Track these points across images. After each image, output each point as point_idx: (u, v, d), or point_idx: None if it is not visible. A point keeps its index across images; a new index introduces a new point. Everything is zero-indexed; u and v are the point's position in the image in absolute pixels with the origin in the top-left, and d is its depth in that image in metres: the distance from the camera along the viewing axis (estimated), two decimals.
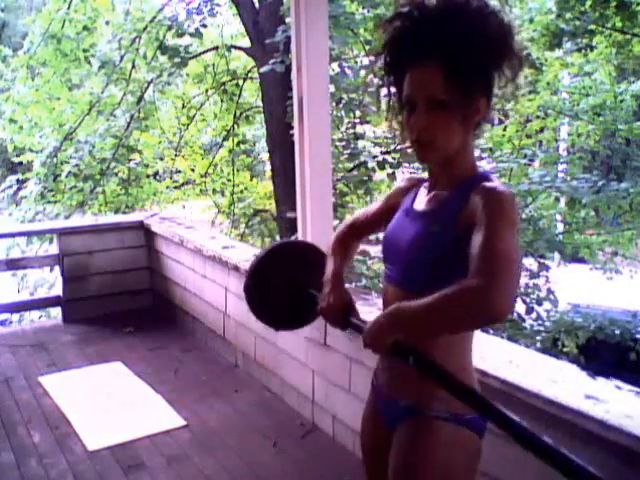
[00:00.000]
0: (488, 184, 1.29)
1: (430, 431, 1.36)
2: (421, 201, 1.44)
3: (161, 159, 9.96)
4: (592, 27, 6.84)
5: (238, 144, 9.08)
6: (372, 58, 1.43)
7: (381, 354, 1.36)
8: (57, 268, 4.96)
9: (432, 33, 1.27)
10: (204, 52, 8.50)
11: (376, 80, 1.44)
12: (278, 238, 7.61)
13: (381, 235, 1.55)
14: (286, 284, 1.67)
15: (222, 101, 8.73)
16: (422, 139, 1.32)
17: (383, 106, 1.44)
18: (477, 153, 6.43)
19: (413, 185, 1.53)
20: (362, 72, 6.16)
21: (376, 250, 6.83)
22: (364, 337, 1.30)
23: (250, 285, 1.68)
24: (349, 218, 1.72)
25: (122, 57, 7.65)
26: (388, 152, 6.28)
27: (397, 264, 1.43)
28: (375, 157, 6.12)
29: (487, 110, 1.34)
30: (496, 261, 1.15)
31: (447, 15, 1.27)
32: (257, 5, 6.90)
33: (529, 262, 6.53)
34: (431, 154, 1.35)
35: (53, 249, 5.33)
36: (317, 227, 3.08)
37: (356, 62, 6.61)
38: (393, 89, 1.40)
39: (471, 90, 1.28)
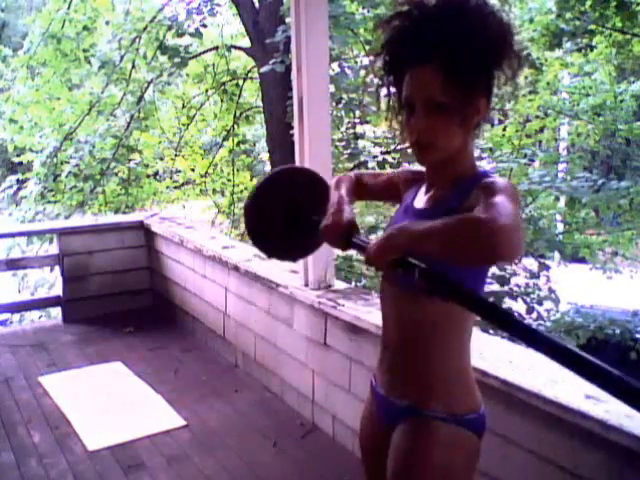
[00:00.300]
0: (488, 179, 1.30)
1: (428, 432, 1.36)
2: (420, 200, 1.44)
3: (161, 159, 9.96)
4: (592, 27, 6.84)
5: (238, 144, 9.09)
6: (372, 58, 1.42)
7: (384, 270, 1.31)
8: (57, 268, 4.96)
9: (432, 32, 1.26)
10: (204, 52, 8.51)
11: (376, 80, 1.44)
12: None
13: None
14: (288, 210, 1.61)
15: (222, 101, 8.74)
16: (422, 141, 1.31)
17: (383, 106, 1.44)
18: (477, 153, 6.43)
19: (417, 180, 1.51)
20: (362, 72, 6.16)
21: None
22: (367, 253, 1.26)
23: (250, 207, 1.62)
24: (352, 173, 1.65)
25: (122, 57, 7.66)
26: (388, 152, 6.29)
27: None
28: (375, 157, 6.12)
29: (487, 110, 1.33)
30: (501, 209, 1.14)
31: (447, 14, 1.26)
32: (257, 5, 6.91)
33: (529, 262, 6.53)
34: (431, 156, 1.34)
35: (53, 249, 5.33)
36: None
37: (356, 62, 6.62)
38: (393, 89, 1.40)
39: (471, 91, 1.28)
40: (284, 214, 1.60)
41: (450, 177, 1.37)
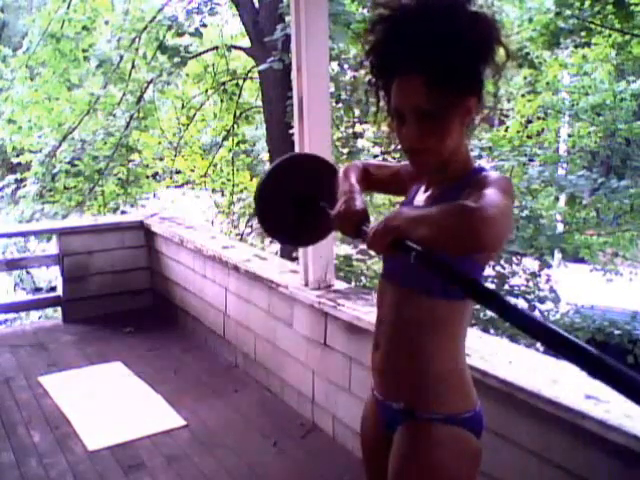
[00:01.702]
0: (482, 174, 1.31)
1: (425, 434, 1.36)
2: (420, 199, 1.45)
3: (161, 159, 9.96)
4: (591, 25, 6.83)
5: (238, 144, 9.09)
6: (365, 63, 1.42)
7: (383, 252, 1.31)
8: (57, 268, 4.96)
9: (412, 35, 1.25)
10: (204, 52, 8.50)
11: (367, 85, 1.44)
12: None
13: None
14: (295, 198, 1.64)
15: (222, 101, 8.73)
16: (415, 148, 1.32)
17: (373, 109, 1.43)
18: (477, 152, 6.43)
19: (420, 177, 1.51)
20: (361, 71, 6.15)
21: None
22: (367, 236, 1.28)
23: (258, 199, 1.66)
24: (359, 162, 1.65)
25: (121, 57, 7.65)
26: (388, 152, 6.29)
27: (392, 259, 1.44)
28: (375, 157, 6.12)
29: (479, 108, 1.33)
30: (489, 200, 1.16)
31: (429, 20, 1.25)
32: (257, 5, 6.91)
33: (529, 262, 6.53)
34: (425, 161, 1.34)
35: (51, 248, 5.32)
36: None
37: (355, 61, 6.61)
38: (382, 93, 1.39)
39: (457, 94, 1.27)
40: (292, 202, 1.64)
41: (447, 177, 1.37)
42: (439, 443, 1.35)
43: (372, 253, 6.30)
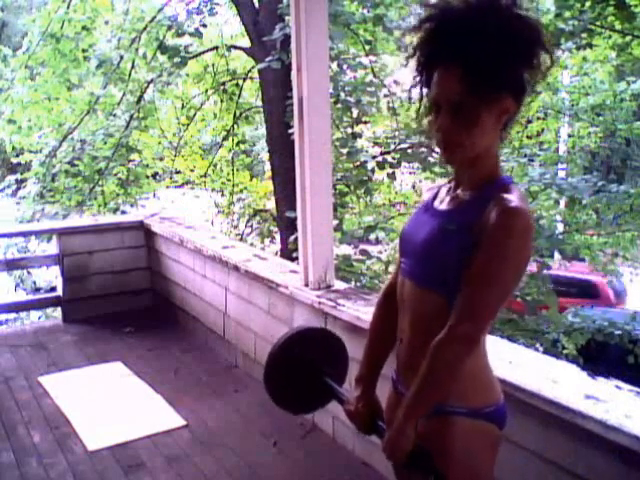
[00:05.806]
0: (507, 198, 1.31)
1: (448, 427, 1.38)
2: (442, 200, 1.46)
3: (161, 159, 9.95)
4: (591, 27, 6.82)
5: (238, 144, 9.08)
6: (406, 61, 1.44)
7: (402, 466, 1.40)
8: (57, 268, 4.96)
9: (454, 34, 1.29)
10: (204, 52, 8.50)
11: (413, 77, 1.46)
12: (278, 238, 7.62)
13: (381, 236, 1.56)
14: (303, 371, 1.76)
15: (222, 101, 8.73)
16: (448, 140, 1.33)
17: (416, 106, 1.46)
18: None
19: (433, 192, 1.54)
20: (361, 71, 6.16)
21: (373, 250, 6.84)
22: (384, 450, 1.38)
23: (269, 374, 1.82)
24: (386, 283, 1.69)
25: (122, 57, 7.64)
26: (388, 152, 6.29)
27: (412, 258, 1.45)
28: (375, 157, 6.12)
29: (516, 109, 1.35)
30: (477, 310, 1.30)
31: (470, 17, 1.29)
32: (257, 5, 6.91)
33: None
34: (457, 155, 1.36)
35: (52, 248, 5.32)
36: (317, 227, 3.08)
37: (354, 61, 6.61)
38: (425, 90, 1.42)
39: (492, 90, 1.29)
40: (304, 374, 1.76)
41: (473, 179, 1.39)
42: (459, 435, 1.38)
43: (371, 253, 6.30)
